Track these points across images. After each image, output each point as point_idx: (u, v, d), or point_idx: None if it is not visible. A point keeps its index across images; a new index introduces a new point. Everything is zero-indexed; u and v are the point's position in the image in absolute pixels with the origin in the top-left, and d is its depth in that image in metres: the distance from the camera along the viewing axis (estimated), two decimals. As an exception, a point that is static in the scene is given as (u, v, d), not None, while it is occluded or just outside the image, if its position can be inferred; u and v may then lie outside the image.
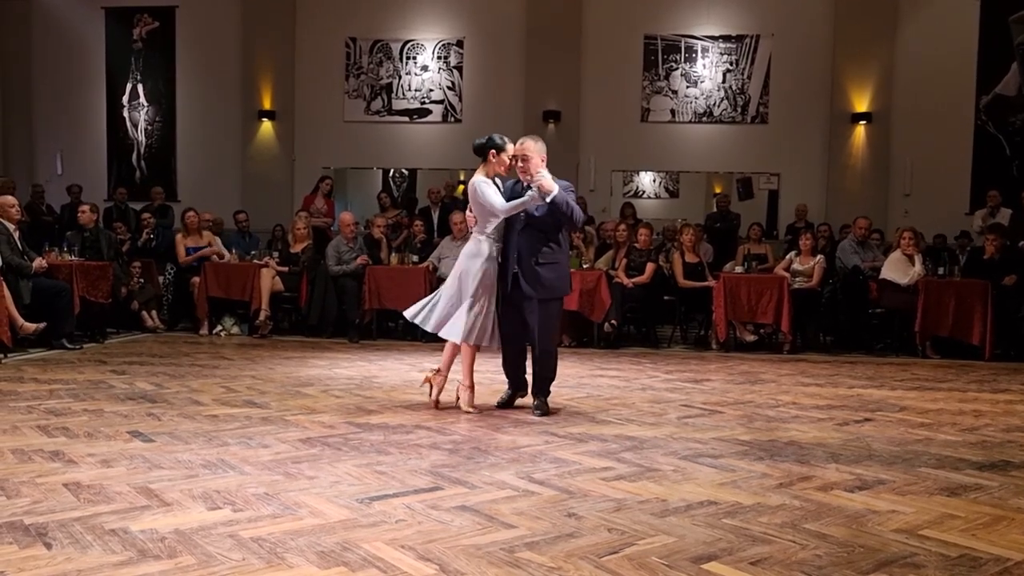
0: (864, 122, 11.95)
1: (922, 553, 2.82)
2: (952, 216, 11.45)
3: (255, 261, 9.36)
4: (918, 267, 8.47)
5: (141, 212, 10.88)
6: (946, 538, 2.98)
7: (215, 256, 9.60)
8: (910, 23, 11.98)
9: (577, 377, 6.63)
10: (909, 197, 11.92)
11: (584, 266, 8.84)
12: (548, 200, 4.85)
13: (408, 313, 5.24)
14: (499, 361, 5.35)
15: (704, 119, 12.46)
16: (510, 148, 5.07)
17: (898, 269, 8.53)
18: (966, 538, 2.99)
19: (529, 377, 5.30)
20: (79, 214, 9.11)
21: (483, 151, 5.09)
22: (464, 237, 5.29)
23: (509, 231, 5.06)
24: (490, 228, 5.02)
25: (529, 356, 5.25)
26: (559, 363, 5.28)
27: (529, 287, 4.98)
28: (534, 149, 5.02)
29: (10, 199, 8.04)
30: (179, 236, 9.68)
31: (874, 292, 8.72)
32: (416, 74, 12.83)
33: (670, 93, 12.48)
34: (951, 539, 2.97)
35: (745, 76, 12.32)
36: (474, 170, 5.15)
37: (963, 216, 11.51)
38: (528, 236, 5.01)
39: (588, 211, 11.61)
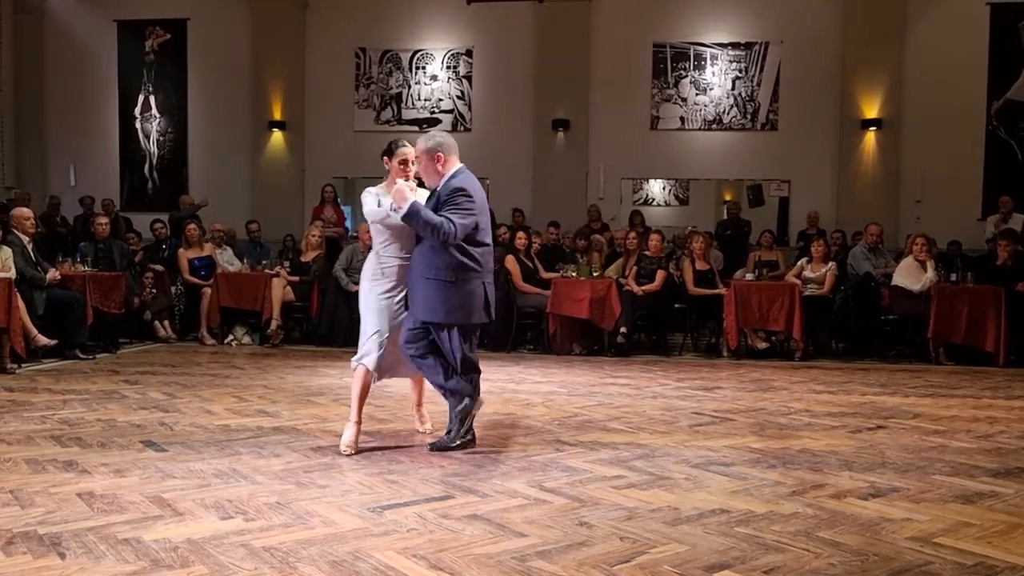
0: (874, 128, 11.89)
1: (937, 561, 2.80)
2: (964, 222, 11.38)
3: (266, 271, 9.39)
4: (930, 273, 8.42)
5: (154, 222, 10.91)
6: (961, 546, 2.96)
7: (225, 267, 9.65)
8: (919, 29, 11.93)
9: (588, 385, 6.62)
10: (920, 203, 11.86)
11: (594, 274, 8.84)
12: (399, 214, 4.11)
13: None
14: (511, 369, 5.32)
15: (714, 126, 12.44)
16: (402, 151, 4.37)
17: (910, 275, 8.48)
18: (981, 546, 2.96)
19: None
20: (97, 226, 9.16)
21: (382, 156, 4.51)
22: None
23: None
24: (380, 243, 4.38)
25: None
26: (569, 371, 5.25)
27: (411, 305, 4.30)
28: (420, 150, 4.30)
29: (26, 211, 8.11)
30: (181, 250, 9.69)
31: (886, 298, 8.68)
32: (425, 83, 12.88)
33: (679, 101, 12.47)
34: (966, 547, 2.95)
35: (754, 83, 12.30)
36: (484, 179, 4.72)
37: (975, 222, 11.44)
38: (423, 247, 4.28)
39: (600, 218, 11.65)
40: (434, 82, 12.85)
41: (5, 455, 4.08)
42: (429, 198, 4.30)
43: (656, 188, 14.93)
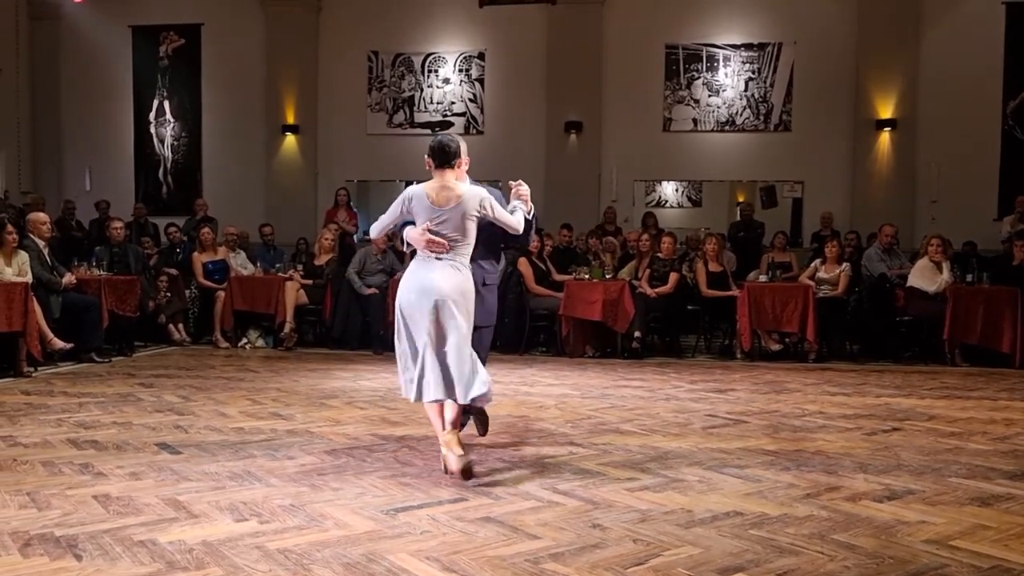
0: (889, 129, 11.83)
1: (953, 564, 2.78)
2: (980, 223, 11.29)
3: (280, 274, 9.43)
4: (946, 274, 8.37)
5: (168, 226, 10.99)
6: (977, 549, 2.94)
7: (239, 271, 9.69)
8: (934, 28, 11.86)
9: (601, 387, 6.61)
10: (936, 204, 11.78)
11: (607, 276, 8.82)
12: (530, 214, 4.15)
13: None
14: (523, 371, 5.32)
15: (726, 128, 12.41)
16: None
17: (925, 276, 8.43)
18: (998, 549, 2.94)
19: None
20: (113, 230, 9.22)
21: (456, 155, 3.93)
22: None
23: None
24: (468, 248, 3.98)
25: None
26: (582, 373, 5.25)
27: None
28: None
29: (42, 216, 8.18)
30: (195, 254, 9.74)
31: (901, 300, 8.63)
32: (438, 87, 12.90)
33: (692, 102, 12.45)
34: (982, 550, 2.93)
35: (767, 84, 12.26)
36: (496, 182, 4.46)
37: (991, 222, 11.35)
38: (480, 256, 4.18)
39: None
40: (446, 85, 12.87)
41: (22, 457, 4.11)
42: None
43: (669, 190, 14.91)
